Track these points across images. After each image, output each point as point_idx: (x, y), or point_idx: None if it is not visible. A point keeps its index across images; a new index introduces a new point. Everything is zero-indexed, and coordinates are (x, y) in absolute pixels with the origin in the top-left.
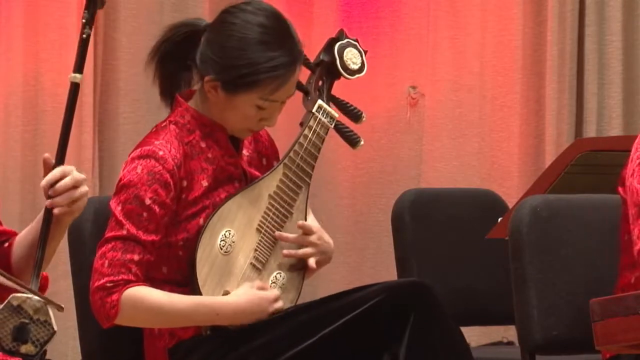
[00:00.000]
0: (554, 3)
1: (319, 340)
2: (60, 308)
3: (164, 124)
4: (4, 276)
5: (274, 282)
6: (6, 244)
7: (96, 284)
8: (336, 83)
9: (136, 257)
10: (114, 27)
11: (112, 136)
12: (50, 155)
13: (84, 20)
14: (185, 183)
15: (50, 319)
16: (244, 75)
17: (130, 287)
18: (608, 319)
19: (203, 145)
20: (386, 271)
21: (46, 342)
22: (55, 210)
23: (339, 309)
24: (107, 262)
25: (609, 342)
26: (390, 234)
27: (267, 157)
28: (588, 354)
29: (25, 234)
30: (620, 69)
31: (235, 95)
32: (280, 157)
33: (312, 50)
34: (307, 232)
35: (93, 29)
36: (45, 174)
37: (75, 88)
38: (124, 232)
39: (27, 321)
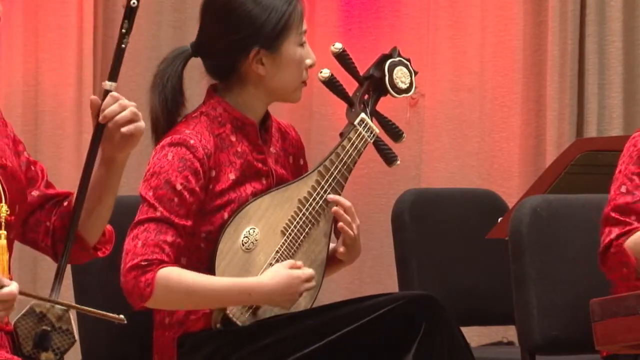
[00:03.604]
0: (555, 3)
1: (326, 345)
2: (118, 319)
3: (195, 114)
4: (29, 295)
5: None
6: (65, 203)
7: (129, 263)
8: (335, 74)
9: (169, 239)
10: (113, 27)
11: None
12: None
13: (123, 31)
14: (213, 173)
15: (72, 327)
16: (276, 23)
17: (164, 267)
18: (608, 319)
19: (233, 138)
20: (386, 271)
21: (66, 350)
22: (110, 124)
23: (349, 315)
24: (140, 242)
25: (609, 343)
26: (390, 234)
27: (293, 155)
28: (588, 354)
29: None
30: (621, 70)
31: (280, 48)
32: (316, 163)
33: (314, 50)
34: (351, 215)
35: (92, 29)
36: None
37: (106, 94)
38: (158, 214)
39: (49, 329)
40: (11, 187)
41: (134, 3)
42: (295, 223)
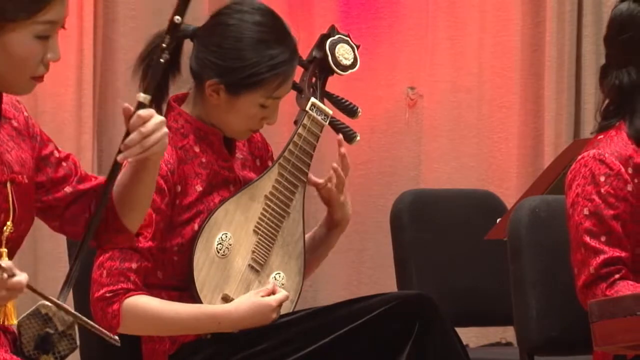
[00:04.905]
0: (553, 4)
1: (321, 347)
2: (108, 336)
3: None
4: (35, 291)
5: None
6: None
7: (96, 294)
8: (334, 84)
9: (134, 265)
10: (113, 28)
11: (111, 137)
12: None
13: (164, 45)
14: (179, 188)
15: (75, 333)
16: (249, 75)
17: (130, 296)
18: (607, 320)
19: (197, 149)
20: (385, 272)
21: (67, 355)
22: (131, 160)
23: (343, 317)
24: (105, 271)
25: (608, 343)
26: (389, 235)
27: (260, 157)
28: (587, 355)
29: (120, 176)
30: None
31: (239, 96)
32: (275, 156)
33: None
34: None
35: (92, 29)
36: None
37: (139, 106)
38: None
39: (52, 332)
40: (22, 204)
41: (177, 19)
42: (266, 220)
